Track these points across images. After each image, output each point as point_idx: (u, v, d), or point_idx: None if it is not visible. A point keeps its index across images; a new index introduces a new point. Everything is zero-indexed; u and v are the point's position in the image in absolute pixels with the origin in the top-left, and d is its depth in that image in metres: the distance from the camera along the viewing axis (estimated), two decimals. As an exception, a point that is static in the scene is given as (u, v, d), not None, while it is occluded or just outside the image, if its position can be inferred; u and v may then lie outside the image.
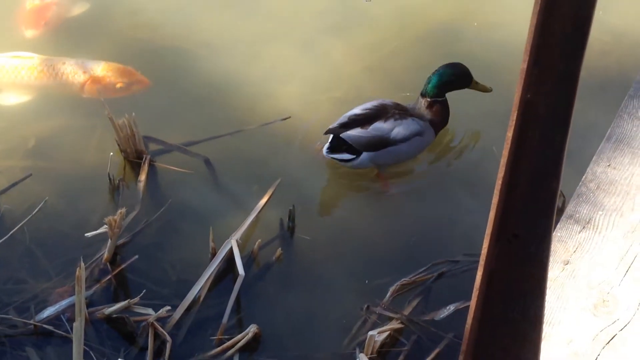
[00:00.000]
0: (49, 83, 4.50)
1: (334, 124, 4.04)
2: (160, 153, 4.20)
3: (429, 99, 4.12)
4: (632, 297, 2.83)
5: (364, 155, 4.02)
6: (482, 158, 4.21)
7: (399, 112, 4.13)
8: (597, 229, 3.06)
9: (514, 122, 2.01)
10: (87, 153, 4.17)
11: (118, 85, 4.50)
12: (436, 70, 4.13)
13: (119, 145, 4.08)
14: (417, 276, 3.64)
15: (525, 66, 1.94)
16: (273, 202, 3.92)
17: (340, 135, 3.98)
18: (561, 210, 3.20)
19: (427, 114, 4.15)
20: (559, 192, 2.10)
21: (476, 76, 4.21)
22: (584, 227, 3.06)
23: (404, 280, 3.61)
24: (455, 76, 4.13)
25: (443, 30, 4.92)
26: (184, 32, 4.88)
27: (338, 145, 4.01)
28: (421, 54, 4.78)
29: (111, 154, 4.06)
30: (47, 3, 5.00)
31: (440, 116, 4.17)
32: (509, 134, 2.02)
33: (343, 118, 4.08)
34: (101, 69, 4.54)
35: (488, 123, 4.35)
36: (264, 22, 4.98)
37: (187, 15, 4.99)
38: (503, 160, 2.05)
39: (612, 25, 4.42)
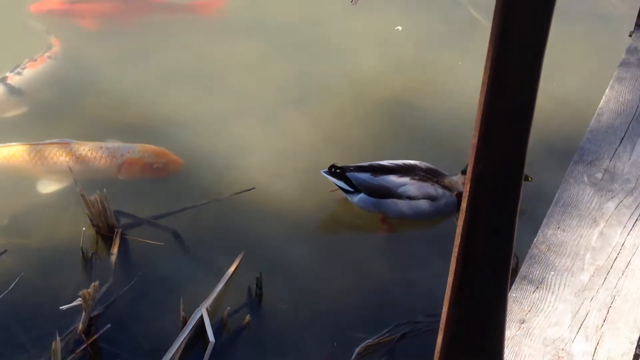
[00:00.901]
0: (87, 167, 4.49)
1: (354, 165, 4.16)
2: (131, 226, 4.18)
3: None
4: (585, 353, 2.81)
5: (362, 195, 4.11)
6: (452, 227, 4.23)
7: (425, 175, 4.20)
8: (549, 288, 3.05)
9: (467, 193, 2.03)
10: (61, 229, 4.14)
11: (155, 166, 4.51)
12: None
13: (91, 220, 4.06)
14: (381, 337, 3.64)
15: (475, 141, 1.98)
16: (241, 271, 3.93)
17: (346, 173, 4.09)
18: (515, 272, 3.21)
19: (459, 187, 4.17)
20: (512, 255, 2.11)
21: (433, 145, 4.31)
22: (537, 287, 3.05)
23: (369, 341, 3.60)
24: None
25: (397, 101, 4.98)
26: (149, 110, 4.89)
27: (343, 177, 4.11)
28: (377, 123, 4.84)
29: (84, 229, 4.04)
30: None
31: None
32: (464, 205, 2.05)
33: (365, 163, 4.19)
34: (137, 151, 4.54)
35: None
36: (228, 98, 5.01)
37: (153, 94, 5.00)
38: (459, 230, 2.06)
39: (554, 93, 4.51)
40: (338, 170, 4.14)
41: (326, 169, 4.16)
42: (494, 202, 2.05)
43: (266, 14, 5.57)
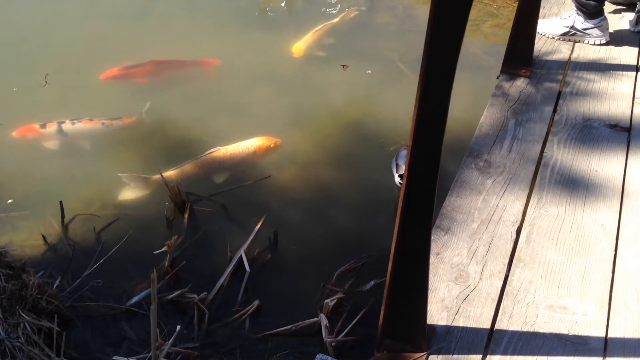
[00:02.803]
0: (237, 159, 4.39)
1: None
2: (196, 201, 4.15)
3: None
4: (475, 272, 2.87)
5: None
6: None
7: None
8: (454, 233, 3.08)
9: (405, 177, 2.06)
10: (152, 204, 4.13)
11: (272, 146, 4.47)
12: None
13: (170, 197, 4.05)
14: (350, 265, 3.66)
15: (410, 143, 2.02)
16: (263, 228, 3.92)
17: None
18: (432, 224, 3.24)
19: None
20: (433, 212, 2.16)
21: (378, 145, 4.39)
22: (446, 233, 3.08)
23: (342, 268, 3.63)
24: None
25: (356, 121, 4.86)
26: (198, 134, 4.71)
27: None
28: (345, 134, 4.73)
29: (167, 203, 4.03)
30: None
31: None
32: (404, 183, 2.07)
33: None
34: (259, 139, 4.46)
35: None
36: (251, 121, 4.82)
37: (201, 123, 4.80)
38: (401, 198, 2.09)
39: (452, 115, 4.51)
40: None
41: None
42: (421, 181, 2.10)
43: (273, 70, 5.42)
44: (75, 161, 4.42)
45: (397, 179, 4.16)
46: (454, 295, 2.73)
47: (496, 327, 2.61)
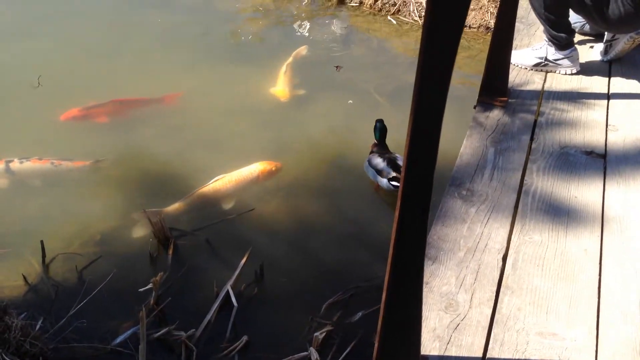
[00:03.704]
0: (242, 185, 4.45)
1: (397, 174, 4.27)
2: (180, 236, 4.12)
3: None
4: (464, 300, 2.87)
5: None
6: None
7: (387, 154, 4.47)
8: (441, 262, 3.07)
9: (399, 201, 2.08)
10: (135, 241, 4.09)
11: (274, 170, 4.55)
12: None
13: (154, 234, 4.02)
14: (338, 296, 3.66)
15: (403, 169, 2.03)
16: (249, 262, 3.90)
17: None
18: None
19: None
20: (425, 242, 2.17)
21: (357, 175, 4.43)
22: (433, 262, 3.07)
23: (330, 300, 3.62)
24: None
25: (335, 153, 4.90)
26: (177, 169, 4.69)
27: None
28: (324, 165, 4.75)
29: (150, 239, 4.01)
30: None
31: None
32: (396, 211, 2.09)
33: (388, 165, 4.33)
34: (260, 164, 4.56)
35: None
36: (232, 155, 4.80)
37: (179, 158, 4.78)
38: (394, 228, 2.11)
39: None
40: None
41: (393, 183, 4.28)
42: (414, 211, 2.12)
43: (251, 103, 5.42)
44: (53, 199, 4.36)
45: (384, 183, 4.30)
46: (445, 325, 2.73)
47: (488, 355, 2.62)
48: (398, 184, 4.37)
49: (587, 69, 4.79)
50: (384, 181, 4.39)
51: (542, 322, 2.76)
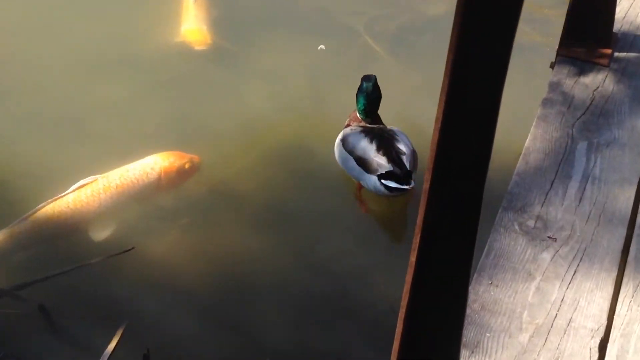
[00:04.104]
0: (129, 195, 4.61)
1: (395, 167, 4.50)
2: (-7, 300, 4.04)
3: None
4: None
5: (414, 174, 4.54)
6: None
7: (377, 129, 4.73)
8: (486, 352, 3.06)
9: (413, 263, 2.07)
10: None
11: (187, 166, 4.72)
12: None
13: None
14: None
15: (427, 186, 2.02)
16: (123, 347, 3.83)
17: (409, 169, 4.51)
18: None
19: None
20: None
21: (333, 193, 4.45)
22: (472, 352, 3.06)
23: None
24: None
25: (291, 143, 5.03)
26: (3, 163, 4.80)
27: (406, 178, 4.50)
28: (270, 171, 4.88)
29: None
30: None
31: None
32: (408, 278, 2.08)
33: (380, 150, 4.56)
34: (162, 159, 4.71)
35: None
36: (90, 146, 4.96)
37: (6, 146, 4.90)
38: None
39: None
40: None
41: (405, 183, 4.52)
42: (447, 249, 2.11)
43: (136, 47, 5.55)
44: None
45: (372, 182, 4.50)
46: None
47: None
48: (397, 186, 4.55)
49: None
50: (371, 180, 4.55)
51: None
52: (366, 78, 4.75)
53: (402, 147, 4.59)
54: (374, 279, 4.31)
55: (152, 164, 4.68)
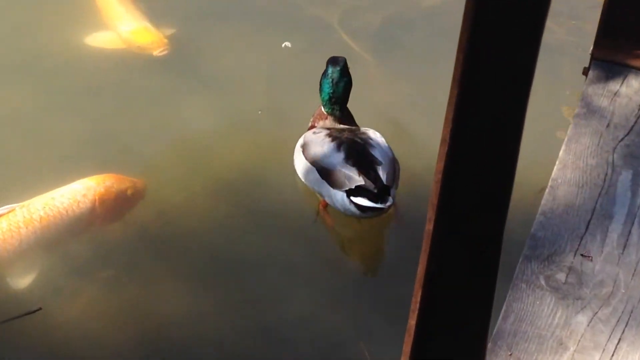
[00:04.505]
0: (56, 230, 4.60)
1: (367, 181, 4.53)
2: None
3: None
4: None
5: (393, 190, 4.61)
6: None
7: (347, 131, 4.79)
8: None
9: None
10: None
11: (129, 192, 4.73)
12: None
13: None
14: None
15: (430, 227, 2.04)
16: None
17: (385, 183, 4.55)
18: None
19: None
20: None
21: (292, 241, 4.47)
22: None
23: None
24: None
25: (242, 171, 5.08)
26: None
27: (381, 195, 4.53)
28: (217, 204, 4.93)
29: None
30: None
31: None
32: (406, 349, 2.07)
33: (349, 159, 4.60)
34: (97, 184, 4.71)
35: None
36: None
37: None
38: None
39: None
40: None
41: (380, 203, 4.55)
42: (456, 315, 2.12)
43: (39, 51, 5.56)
44: None
45: (340, 199, 4.57)
46: None
47: None
48: (371, 205, 4.62)
49: None
50: (338, 196, 4.61)
51: None
52: (332, 61, 4.83)
53: (378, 155, 4.64)
54: (346, 350, 4.33)
55: (84, 190, 4.69)
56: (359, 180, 4.49)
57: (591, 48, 4.45)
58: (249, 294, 4.52)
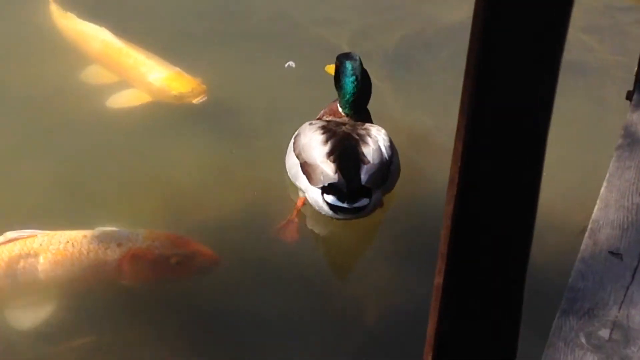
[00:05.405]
0: (70, 271, 4.56)
1: (341, 178, 4.62)
2: None
3: None
4: None
5: (377, 192, 4.69)
6: None
7: (347, 125, 4.87)
8: None
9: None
10: None
11: (174, 261, 4.59)
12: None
13: None
14: None
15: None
16: None
17: (364, 184, 4.63)
18: None
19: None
20: None
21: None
22: None
23: None
24: None
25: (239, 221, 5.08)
26: None
27: (353, 195, 4.61)
28: None
29: None
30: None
31: None
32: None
33: (333, 153, 4.68)
34: (142, 238, 4.63)
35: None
36: None
37: None
38: None
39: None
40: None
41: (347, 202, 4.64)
42: None
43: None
44: None
45: (314, 197, 4.66)
46: None
47: None
48: (338, 204, 4.70)
49: None
50: (314, 193, 4.67)
51: None
52: (346, 56, 4.90)
53: (367, 152, 4.70)
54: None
55: (123, 239, 4.64)
56: (332, 177, 4.60)
57: (636, 69, 4.46)
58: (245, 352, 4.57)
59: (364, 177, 4.59)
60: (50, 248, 4.52)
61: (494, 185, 2.02)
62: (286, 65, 5.55)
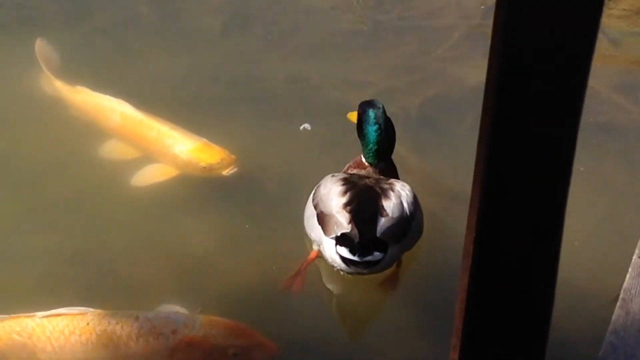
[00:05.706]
0: (116, 354, 4.50)
1: (354, 229, 4.55)
2: None
3: None
4: None
5: (394, 247, 4.61)
6: None
7: (371, 179, 4.86)
8: None
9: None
10: None
11: (231, 352, 4.52)
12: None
13: None
14: None
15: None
16: None
17: (379, 235, 4.54)
18: None
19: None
20: None
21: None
22: None
23: None
24: None
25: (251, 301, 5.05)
26: None
27: (366, 247, 4.52)
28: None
29: None
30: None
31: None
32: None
33: (350, 204, 4.64)
34: (200, 325, 4.55)
35: None
36: None
37: None
38: None
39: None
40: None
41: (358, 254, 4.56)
42: None
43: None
44: None
45: (328, 249, 4.61)
46: None
47: None
48: (349, 256, 4.61)
49: None
50: (327, 244, 4.63)
51: None
52: (368, 104, 4.92)
53: (388, 206, 4.68)
54: None
55: (178, 325, 4.58)
56: (346, 227, 4.57)
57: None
58: None
59: (379, 229, 4.57)
60: (97, 329, 4.51)
61: (510, 257, 2.01)
62: (301, 128, 5.50)
